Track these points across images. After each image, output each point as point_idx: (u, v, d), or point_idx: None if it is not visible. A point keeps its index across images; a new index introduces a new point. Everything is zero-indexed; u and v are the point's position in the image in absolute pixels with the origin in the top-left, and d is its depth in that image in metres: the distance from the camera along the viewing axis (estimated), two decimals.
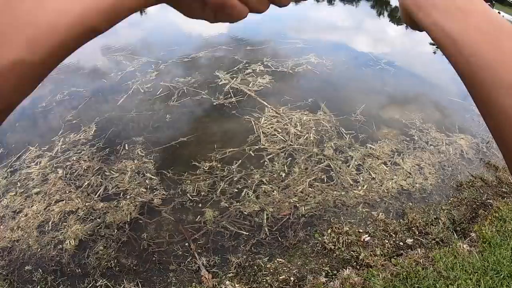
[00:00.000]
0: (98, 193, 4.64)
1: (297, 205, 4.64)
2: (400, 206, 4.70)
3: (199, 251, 3.91)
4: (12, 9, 0.32)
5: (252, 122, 6.12)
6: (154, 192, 4.70)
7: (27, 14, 0.33)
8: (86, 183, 4.79)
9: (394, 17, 15.82)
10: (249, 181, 4.95)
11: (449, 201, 4.88)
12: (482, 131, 6.37)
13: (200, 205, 4.54)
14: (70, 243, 3.89)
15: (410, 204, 4.76)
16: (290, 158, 5.39)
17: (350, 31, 12.29)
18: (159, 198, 4.61)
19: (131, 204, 4.48)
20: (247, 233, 4.21)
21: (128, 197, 4.59)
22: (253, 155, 5.46)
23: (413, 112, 6.64)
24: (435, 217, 4.59)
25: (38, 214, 4.29)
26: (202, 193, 4.70)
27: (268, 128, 5.98)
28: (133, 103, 6.72)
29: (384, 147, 5.67)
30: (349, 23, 13.55)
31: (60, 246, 3.88)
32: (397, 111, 6.71)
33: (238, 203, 4.59)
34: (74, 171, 5.01)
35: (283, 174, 5.11)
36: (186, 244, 3.99)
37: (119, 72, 7.96)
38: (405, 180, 5.10)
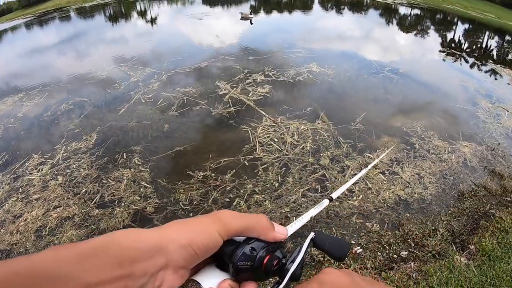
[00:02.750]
0: (94, 200, 4.68)
1: (289, 215, 4.48)
2: (397, 217, 4.50)
3: None
4: None
5: (249, 131, 6.02)
6: (148, 200, 4.69)
7: None
8: (83, 190, 4.85)
9: (403, 25, 15.77)
10: (242, 191, 4.86)
11: (449, 212, 4.65)
12: (487, 138, 6.13)
13: (191, 214, 4.46)
14: None
15: (407, 215, 4.54)
16: (284, 168, 5.25)
17: (356, 40, 12.26)
18: (152, 206, 4.59)
19: (124, 212, 4.49)
20: None
21: (122, 204, 4.61)
22: (247, 164, 5.35)
23: (415, 120, 6.44)
24: (433, 228, 4.37)
25: (37, 219, 4.40)
26: (194, 202, 4.65)
27: (265, 138, 5.87)
28: (134, 113, 6.80)
29: (383, 157, 5.47)
30: (356, 32, 13.52)
31: None
32: (398, 119, 6.52)
33: None
34: (73, 178, 5.09)
35: (276, 184, 4.98)
36: None
37: (122, 82, 8.16)
38: (403, 190, 4.90)
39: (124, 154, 5.56)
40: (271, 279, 0.63)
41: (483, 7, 23.10)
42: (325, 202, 1.05)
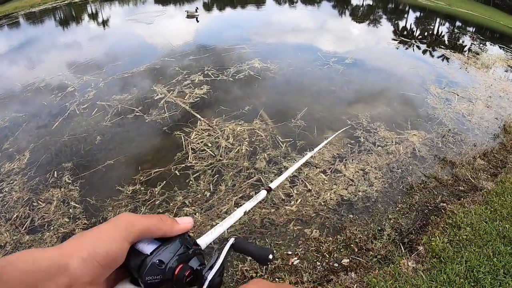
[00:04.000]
0: (25, 226, 4.27)
1: None
2: (339, 220, 4.02)
3: None
4: None
5: (182, 138, 5.46)
6: (77, 221, 4.25)
7: None
8: (15, 215, 4.43)
9: (355, 16, 15.60)
10: (171, 204, 4.36)
11: (397, 208, 4.21)
12: (437, 125, 5.76)
13: None
14: None
15: (351, 216, 4.08)
16: (217, 175, 4.75)
17: (304, 33, 11.98)
18: (80, 228, 4.16)
19: (54, 236, 4.07)
20: None
21: (52, 228, 4.19)
22: (178, 174, 4.84)
23: (361, 112, 6.03)
24: (379, 229, 3.92)
25: None
26: None
27: (198, 144, 5.34)
28: (69, 126, 6.25)
29: (325, 154, 5.02)
30: (305, 25, 13.23)
31: None
32: (343, 112, 6.12)
33: None
34: (5, 203, 4.64)
35: (208, 194, 4.48)
36: None
37: (59, 93, 7.52)
38: (346, 189, 4.43)
39: (55, 172, 5.07)
40: None
41: None
42: (263, 193, 1.00)
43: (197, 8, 13.39)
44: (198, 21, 13.16)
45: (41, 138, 5.96)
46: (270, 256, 0.68)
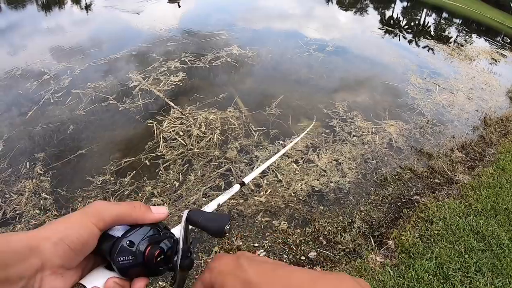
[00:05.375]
0: None
1: None
2: (308, 212, 3.89)
3: None
4: None
5: (154, 126, 5.28)
6: (47, 213, 4.14)
7: None
8: None
9: (342, 4, 15.43)
10: (140, 194, 4.22)
11: (369, 201, 4.09)
12: (416, 115, 5.64)
13: None
14: None
15: (321, 207, 3.95)
16: (187, 165, 4.60)
17: (287, 19, 11.80)
18: (50, 219, 3.95)
19: (25, 228, 3.92)
20: None
21: (23, 220, 4.06)
22: (148, 164, 4.67)
23: (339, 101, 5.89)
24: (349, 221, 3.79)
25: None
26: None
27: (170, 132, 5.16)
28: (43, 115, 6.03)
29: (298, 143, 4.88)
30: (289, 11, 12.99)
31: None
32: (320, 101, 5.97)
33: None
34: None
35: (177, 184, 4.33)
36: None
37: (35, 81, 7.23)
38: (317, 180, 4.30)
39: (27, 163, 4.90)
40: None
41: None
42: (236, 187, 0.97)
43: None
44: (180, 6, 12.87)
45: (15, 128, 5.74)
46: (227, 226, 0.65)
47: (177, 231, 0.68)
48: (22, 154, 5.12)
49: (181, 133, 5.15)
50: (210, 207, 0.82)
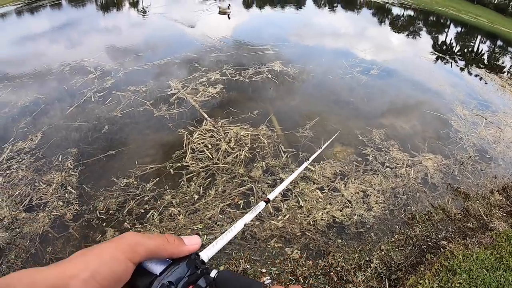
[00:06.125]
0: (24, 203, 4.36)
1: (200, 233, 3.81)
2: (325, 243, 3.70)
3: None
4: None
5: (185, 136, 5.30)
6: (69, 206, 4.28)
7: None
8: (17, 192, 4.52)
9: (394, 26, 15.03)
10: (159, 202, 4.24)
11: (392, 239, 3.84)
12: (457, 150, 5.30)
13: (104, 223, 4.02)
14: None
15: (339, 241, 3.75)
16: (210, 179, 4.56)
17: (335, 38, 11.64)
18: (71, 213, 4.17)
19: (46, 217, 4.12)
20: None
21: (46, 209, 4.25)
22: (172, 173, 4.69)
23: (375, 128, 5.65)
24: (366, 259, 3.57)
25: None
26: (111, 211, 4.17)
27: (198, 144, 5.16)
28: (83, 112, 6.31)
29: (327, 169, 4.69)
30: (339, 30, 12.84)
31: None
32: (357, 126, 5.74)
33: (140, 225, 3.98)
34: (11, 179, 4.75)
35: (196, 197, 4.29)
36: None
37: (80, 78, 7.62)
38: (340, 211, 4.10)
39: (60, 156, 5.11)
40: None
41: (475, 10, 22.33)
42: (261, 205, 0.94)
43: (229, 5, 13.30)
44: (229, 18, 13.05)
45: (55, 121, 6.03)
46: None
47: (206, 255, 0.66)
48: (57, 147, 5.36)
49: (210, 146, 5.13)
50: (237, 227, 0.79)
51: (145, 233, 0.57)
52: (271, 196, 1.01)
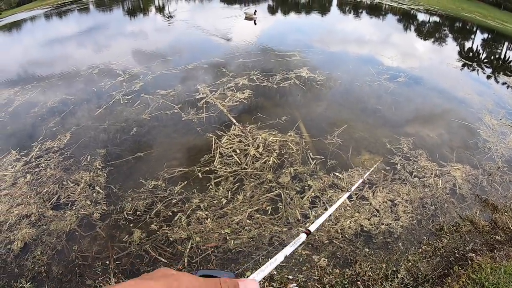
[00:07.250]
0: (51, 201, 4.52)
1: (228, 237, 3.88)
2: (352, 252, 3.74)
3: (115, 271, 3.63)
4: None
5: (213, 140, 5.40)
6: (97, 206, 4.41)
7: None
8: (45, 190, 4.70)
9: (419, 32, 14.84)
10: (187, 205, 4.34)
11: (419, 250, 3.84)
12: (486, 160, 5.26)
13: (131, 224, 4.12)
14: (17, 244, 3.95)
15: (366, 250, 3.78)
16: (238, 184, 4.64)
17: (361, 45, 11.59)
18: (98, 213, 4.30)
19: (73, 216, 4.26)
20: (165, 261, 3.69)
21: (74, 208, 4.39)
22: (200, 177, 4.78)
23: (403, 136, 5.64)
24: (394, 269, 3.59)
25: (0, 215, 4.39)
26: (138, 213, 4.27)
27: (227, 149, 5.25)
28: (111, 114, 6.50)
29: (355, 177, 4.71)
30: (364, 37, 12.81)
31: (9, 246, 3.94)
32: (385, 134, 5.74)
33: (167, 228, 4.06)
34: (39, 177, 4.95)
35: (224, 201, 4.37)
36: (107, 262, 3.72)
37: (109, 81, 7.88)
38: (368, 220, 4.12)
39: (89, 156, 5.28)
40: None
41: (502, 16, 21.73)
42: (302, 237, 0.95)
43: (255, 10, 13.41)
44: (256, 24, 13.13)
45: (83, 122, 6.22)
46: None
47: (259, 276, 0.68)
48: (85, 147, 5.55)
49: (238, 151, 5.21)
50: (277, 260, 0.82)
51: (199, 278, 0.56)
52: (312, 228, 1.02)
